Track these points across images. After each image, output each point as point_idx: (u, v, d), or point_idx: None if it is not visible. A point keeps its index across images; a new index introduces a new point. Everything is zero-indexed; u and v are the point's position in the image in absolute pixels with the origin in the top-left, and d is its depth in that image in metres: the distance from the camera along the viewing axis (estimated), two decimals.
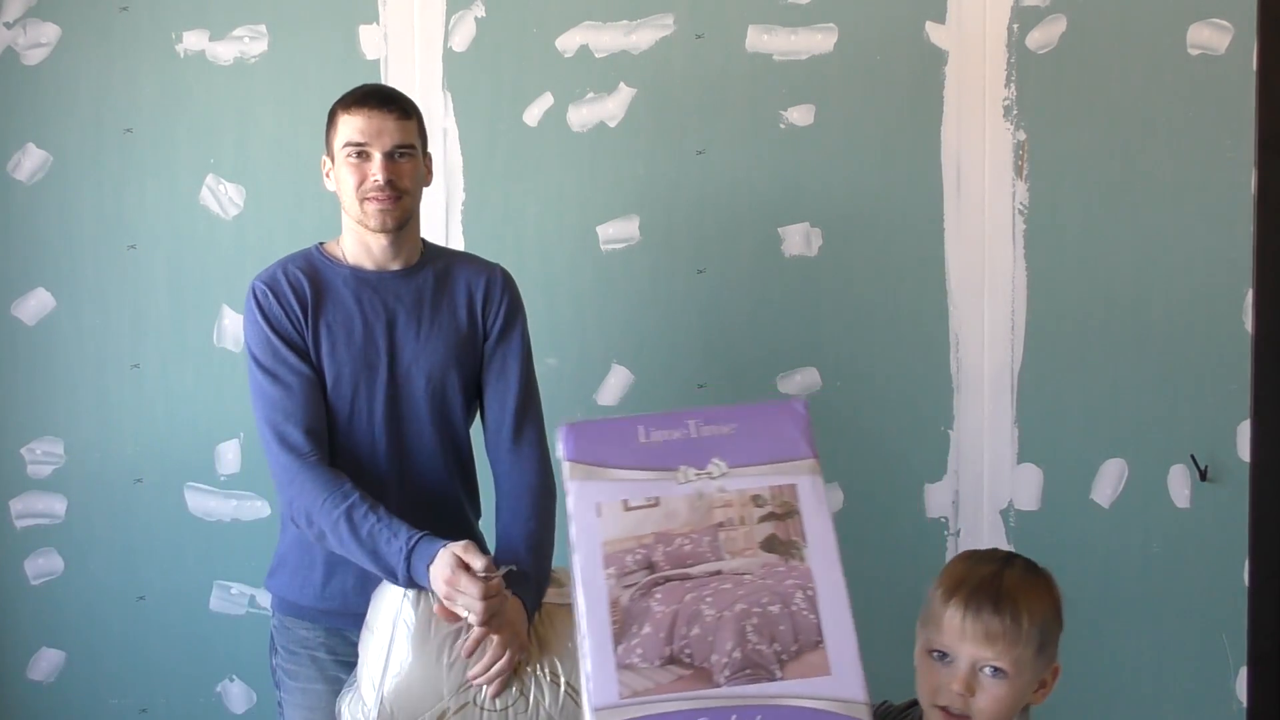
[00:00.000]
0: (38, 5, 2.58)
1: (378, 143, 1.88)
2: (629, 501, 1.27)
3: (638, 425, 1.31)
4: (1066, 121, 2.48)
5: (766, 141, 2.52)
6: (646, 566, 1.24)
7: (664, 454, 1.30)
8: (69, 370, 2.63)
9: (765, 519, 1.28)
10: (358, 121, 1.89)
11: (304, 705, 1.95)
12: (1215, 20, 2.44)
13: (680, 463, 1.29)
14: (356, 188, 1.89)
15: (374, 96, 1.91)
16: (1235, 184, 2.46)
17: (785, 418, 1.35)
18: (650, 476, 1.28)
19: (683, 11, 2.51)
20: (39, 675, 2.68)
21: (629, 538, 1.25)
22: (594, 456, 1.29)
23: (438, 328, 1.94)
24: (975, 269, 2.52)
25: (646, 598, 1.22)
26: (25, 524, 2.66)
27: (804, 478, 1.31)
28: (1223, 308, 2.48)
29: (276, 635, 2.01)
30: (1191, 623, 2.53)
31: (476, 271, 2.01)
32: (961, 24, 2.49)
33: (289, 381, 1.86)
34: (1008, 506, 2.56)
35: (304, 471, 1.81)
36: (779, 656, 1.19)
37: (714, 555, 1.25)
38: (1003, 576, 1.48)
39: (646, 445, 1.30)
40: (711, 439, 1.30)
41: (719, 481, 1.28)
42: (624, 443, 1.30)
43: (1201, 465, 2.49)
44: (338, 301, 1.90)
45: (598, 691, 1.17)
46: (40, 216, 2.61)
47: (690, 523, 1.26)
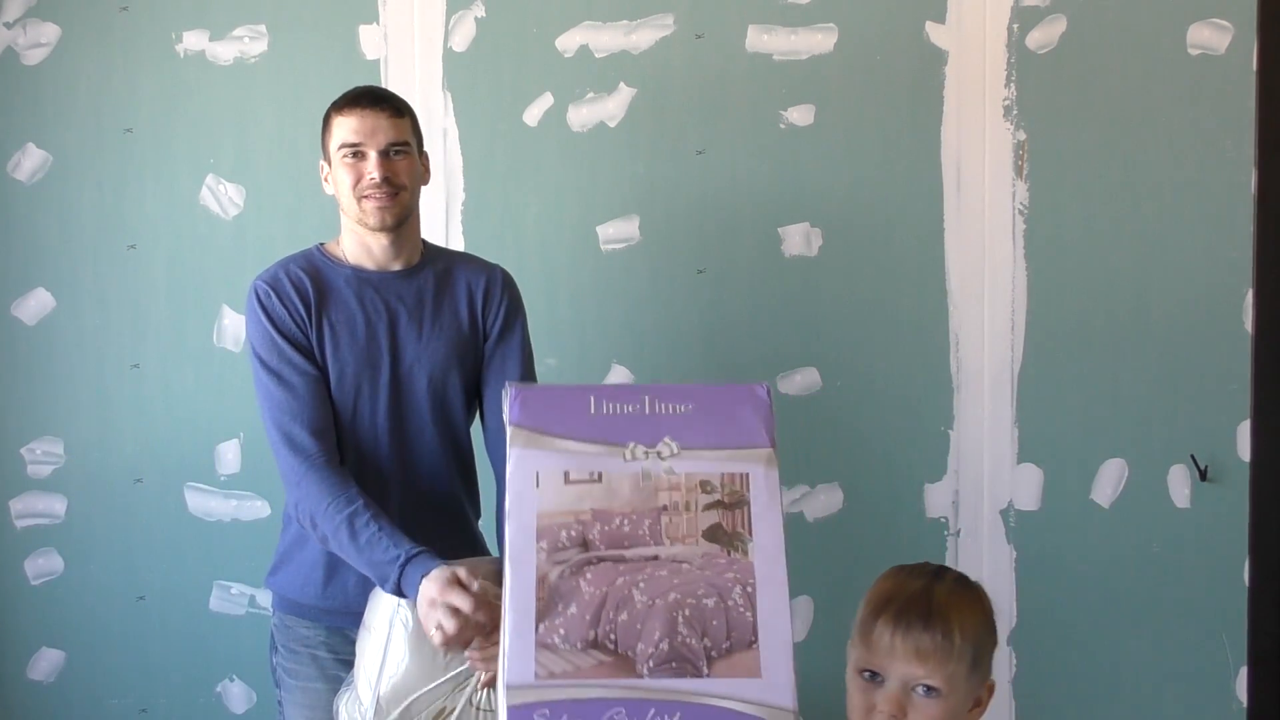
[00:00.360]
0: (38, 5, 2.58)
1: (372, 141, 1.89)
2: (570, 474, 1.21)
3: (590, 395, 1.26)
4: (1066, 121, 2.48)
5: (766, 141, 2.52)
6: (580, 544, 1.19)
7: (614, 428, 1.24)
8: (69, 370, 2.63)
9: (711, 506, 1.22)
10: (351, 122, 1.90)
11: (304, 704, 1.95)
12: (1215, 20, 2.44)
13: (630, 439, 1.23)
14: (353, 187, 1.90)
15: (366, 97, 1.93)
16: (1235, 184, 2.46)
17: (745, 402, 1.28)
18: (596, 450, 1.23)
19: (683, 11, 2.51)
20: (39, 675, 2.68)
21: (566, 512, 1.20)
22: (539, 422, 1.23)
23: (439, 328, 1.94)
24: (975, 269, 2.52)
25: (576, 576, 1.17)
26: (25, 524, 2.66)
27: (758, 468, 1.24)
28: (1223, 308, 2.48)
29: (277, 634, 2.02)
30: (1191, 623, 2.53)
31: (476, 272, 2.02)
32: (961, 24, 2.49)
33: (294, 381, 1.86)
34: (1008, 506, 2.56)
35: (311, 474, 1.81)
36: (708, 652, 1.14)
37: (653, 539, 1.20)
38: (932, 591, 1.42)
39: (596, 417, 1.24)
40: (666, 417, 1.25)
41: (668, 462, 1.23)
42: (573, 412, 1.25)
43: (1201, 465, 2.49)
44: (340, 301, 1.91)
45: (513, 669, 1.12)
46: (40, 216, 2.61)
47: (632, 503, 1.21)
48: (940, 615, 1.38)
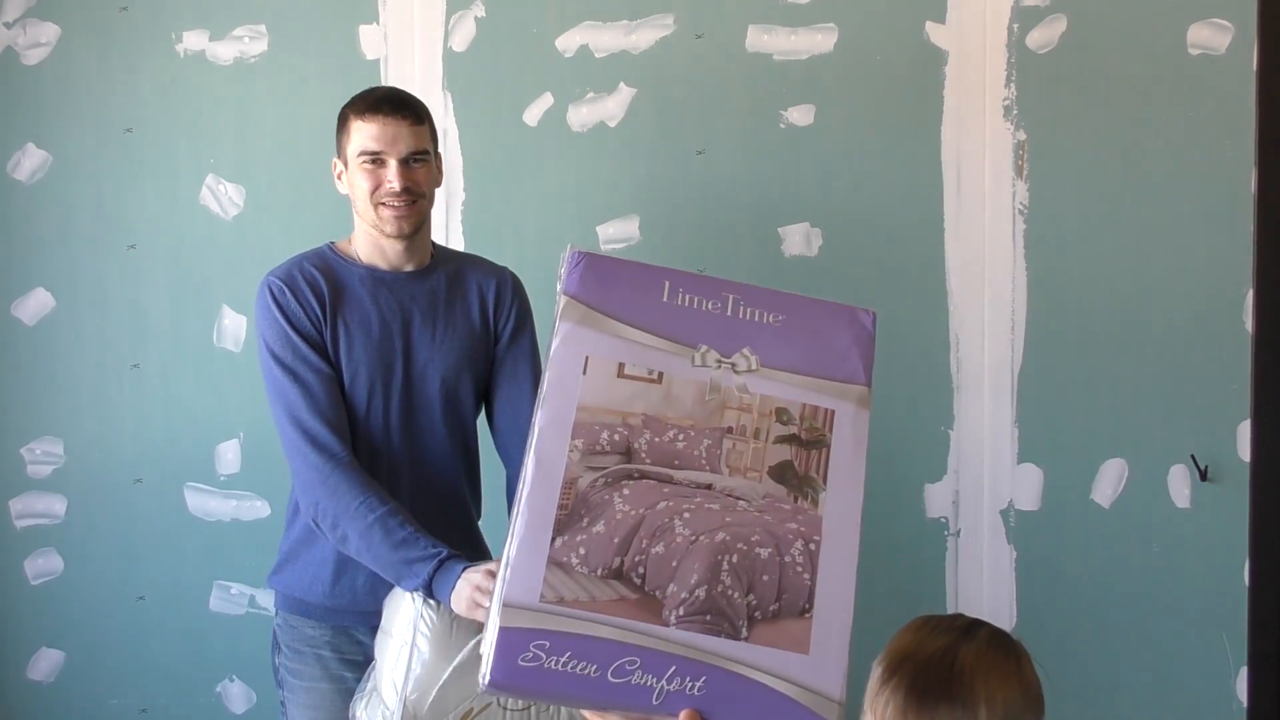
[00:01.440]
0: (38, 5, 2.58)
1: (393, 150, 1.87)
2: (626, 366, 1.01)
3: (665, 279, 1.05)
4: (1066, 121, 2.48)
5: (766, 141, 2.52)
6: (623, 452, 1.00)
7: (687, 323, 1.03)
8: (69, 370, 2.63)
9: (785, 440, 1.02)
10: (372, 129, 1.87)
11: (308, 705, 1.95)
12: (1215, 20, 2.44)
13: (703, 341, 1.03)
14: (371, 193, 1.88)
15: (387, 102, 1.89)
16: (1235, 184, 2.46)
17: (846, 328, 1.10)
18: (661, 345, 1.02)
19: (683, 11, 2.51)
20: (39, 675, 2.68)
21: (613, 410, 1.00)
22: (599, 298, 1.03)
23: (452, 329, 1.95)
24: (975, 269, 2.52)
25: (611, 489, 0.99)
26: (25, 524, 2.66)
27: (847, 406, 1.06)
28: (1223, 308, 2.48)
29: (280, 633, 2.01)
30: (1191, 623, 2.53)
31: (487, 275, 2.03)
32: (961, 24, 2.49)
33: (310, 379, 1.85)
34: (1008, 506, 2.56)
35: (337, 473, 1.80)
36: (752, 612, 0.96)
37: (709, 465, 1.01)
38: (957, 654, 1.16)
39: (669, 306, 1.04)
40: (750, 324, 1.05)
41: (743, 378, 1.03)
42: (642, 294, 1.04)
43: (1201, 465, 2.49)
44: (355, 300, 1.90)
45: (515, 584, 0.94)
46: (40, 216, 2.61)
47: (693, 416, 1.01)
48: (964, 685, 1.13)
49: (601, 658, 0.92)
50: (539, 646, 0.92)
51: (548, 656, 0.92)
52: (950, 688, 1.12)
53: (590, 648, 0.92)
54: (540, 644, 0.92)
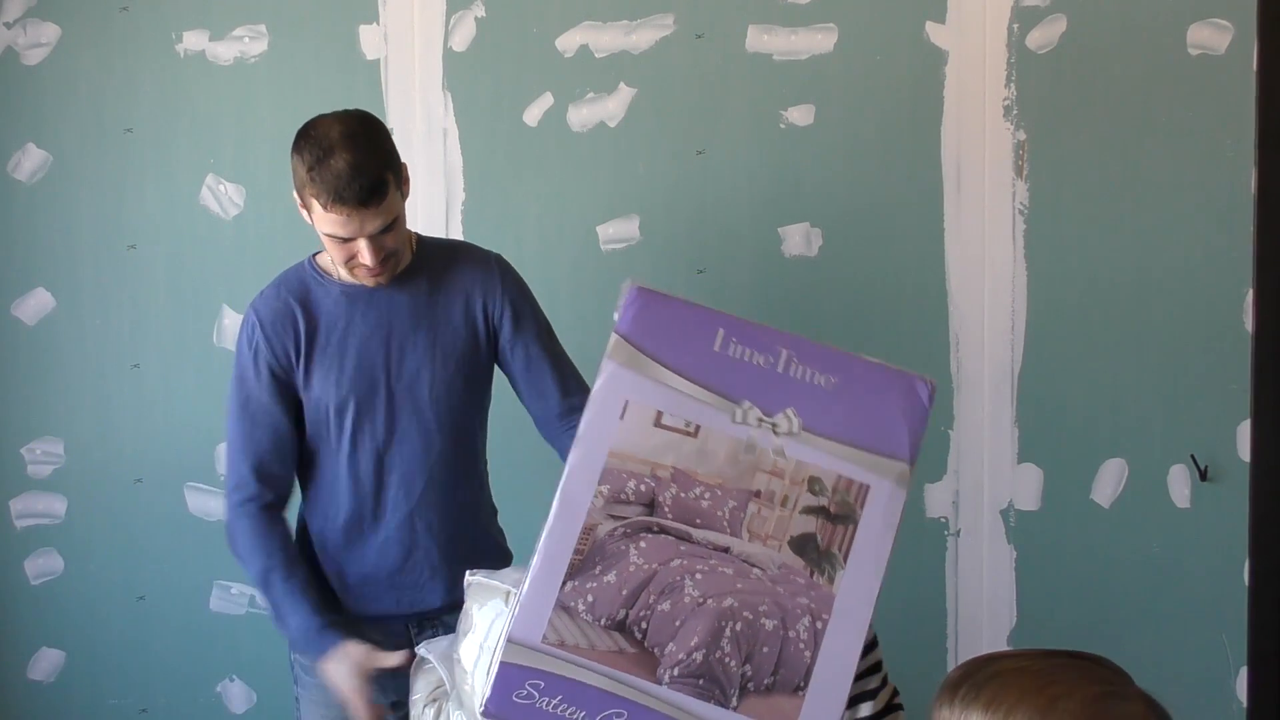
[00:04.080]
0: (38, 5, 2.58)
1: (361, 233, 1.78)
2: (664, 416, 1.00)
3: (719, 326, 1.02)
4: (1066, 121, 2.48)
5: (766, 141, 2.52)
6: (646, 504, 0.99)
7: (734, 376, 1.00)
8: (69, 370, 2.63)
9: (812, 511, 0.99)
10: (336, 218, 1.75)
11: (321, 701, 1.94)
12: (1215, 20, 2.44)
13: (747, 396, 1.00)
14: (344, 262, 1.84)
15: (347, 193, 1.72)
16: (1235, 184, 2.46)
17: (898, 397, 1.06)
18: (703, 397, 1.00)
19: (683, 11, 2.51)
20: (39, 675, 2.68)
21: (643, 460, 0.99)
22: (649, 341, 1.01)
23: (439, 333, 1.92)
24: (975, 269, 2.52)
25: (628, 540, 0.98)
26: (25, 524, 2.66)
27: (885, 483, 1.03)
28: (1223, 308, 2.48)
29: None
30: (1191, 623, 2.53)
31: (472, 267, 1.98)
32: (961, 24, 2.49)
33: (258, 419, 1.89)
34: (1008, 506, 2.56)
35: (242, 519, 1.88)
36: (745, 683, 0.96)
37: (730, 527, 0.98)
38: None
39: (719, 356, 1.01)
40: (799, 383, 1.01)
41: (782, 440, 1.00)
42: (694, 340, 1.02)
43: (1201, 465, 2.49)
44: (332, 325, 1.89)
45: (521, 622, 0.95)
46: (40, 216, 2.61)
47: (723, 475, 0.99)
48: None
49: (591, 706, 0.94)
50: (534, 685, 0.95)
51: (540, 696, 0.94)
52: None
53: (581, 694, 0.94)
54: (535, 683, 0.95)
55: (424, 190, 2.54)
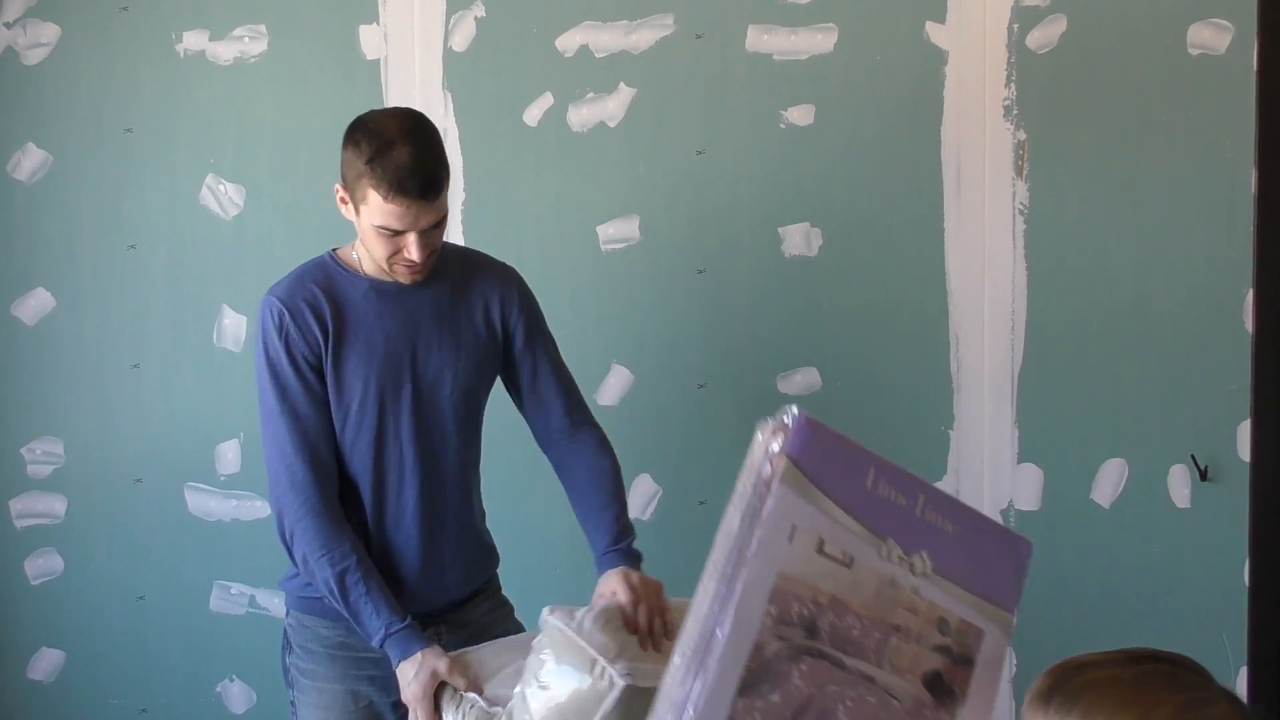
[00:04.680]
0: (38, 5, 2.58)
1: (414, 226, 1.79)
2: (825, 544, 1.05)
3: (871, 465, 1.10)
4: (1066, 121, 2.48)
5: (766, 141, 2.52)
6: (808, 628, 1.02)
7: (882, 514, 1.07)
8: (69, 370, 2.63)
9: (939, 649, 1.04)
10: (395, 210, 1.76)
11: (319, 704, 1.93)
12: (1215, 20, 2.44)
13: (891, 534, 1.06)
14: (387, 257, 1.83)
15: (414, 184, 1.74)
16: (1235, 184, 2.46)
17: (1007, 552, 1.11)
18: (857, 530, 1.06)
19: (683, 11, 2.51)
20: (39, 675, 2.68)
21: (807, 585, 1.03)
22: (816, 470, 1.07)
23: (460, 336, 1.92)
24: (975, 269, 2.52)
25: (792, 662, 1.01)
26: (25, 524, 2.66)
27: (995, 630, 1.07)
28: (1223, 308, 2.48)
29: (293, 633, 1.99)
30: (1191, 623, 2.53)
31: (492, 277, 1.99)
32: (961, 24, 2.49)
33: (302, 413, 1.84)
34: (1008, 506, 2.56)
35: (307, 518, 1.82)
36: None
37: (875, 658, 1.03)
38: None
39: (871, 494, 1.08)
40: (930, 528, 1.08)
41: (918, 580, 1.05)
42: (852, 475, 1.09)
43: (1201, 465, 2.49)
44: (359, 318, 1.87)
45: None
46: (40, 216, 2.61)
47: (870, 607, 1.04)
48: None
49: None
50: None
51: None
52: None
53: None
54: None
55: None
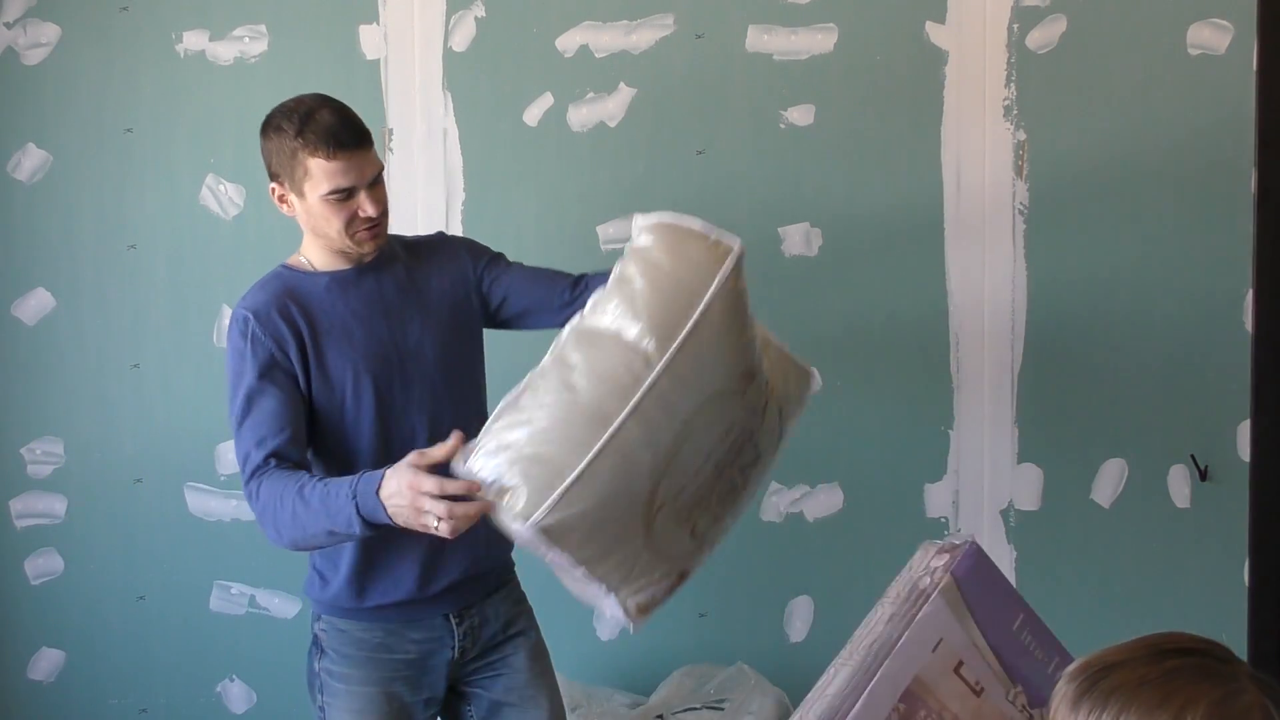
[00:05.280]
0: (38, 5, 2.58)
1: (361, 180, 1.81)
2: (963, 667, 1.10)
3: (1021, 613, 1.16)
4: (1066, 121, 2.48)
5: (766, 141, 2.52)
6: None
7: (1019, 660, 1.13)
8: (69, 370, 2.63)
9: None
10: (338, 166, 1.78)
11: (353, 708, 1.91)
12: (1215, 20, 2.44)
13: (1021, 682, 1.13)
14: (345, 225, 1.83)
15: (345, 134, 1.79)
16: (1235, 184, 2.46)
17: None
18: (994, 666, 1.11)
19: (683, 11, 2.51)
20: (39, 675, 2.68)
21: (937, 697, 1.08)
22: (973, 597, 1.12)
23: (426, 304, 1.93)
24: (975, 269, 2.52)
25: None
26: (25, 524, 2.66)
27: None
28: (1223, 308, 2.48)
29: (326, 639, 1.95)
30: (1191, 623, 2.53)
31: (431, 245, 2.02)
32: (961, 24, 2.49)
33: (267, 407, 1.80)
34: (1008, 506, 2.56)
35: (260, 487, 1.74)
36: None
37: None
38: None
39: (1014, 638, 1.14)
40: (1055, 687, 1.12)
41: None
42: (1002, 614, 1.15)
43: (1201, 465, 2.49)
44: (327, 311, 1.87)
45: None
46: (40, 216, 2.61)
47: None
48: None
49: None
50: None
51: None
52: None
53: None
54: None
55: (424, 190, 2.54)
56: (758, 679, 2.43)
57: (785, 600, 2.59)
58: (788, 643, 2.60)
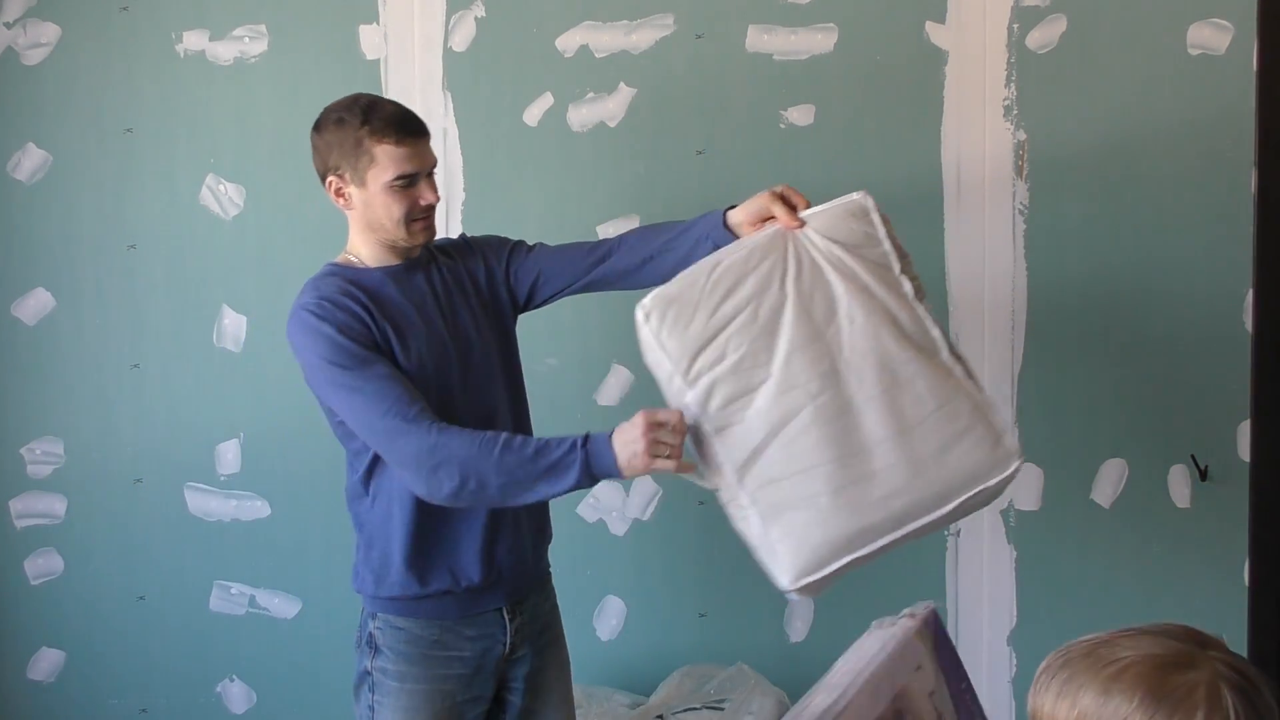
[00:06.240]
0: (38, 5, 2.58)
1: (423, 168, 1.88)
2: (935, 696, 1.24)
3: (965, 680, 1.32)
4: (1066, 121, 2.48)
5: (766, 141, 2.52)
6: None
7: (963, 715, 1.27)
8: (69, 370, 2.63)
9: None
10: (404, 152, 1.84)
11: (406, 706, 1.91)
12: (1215, 20, 2.44)
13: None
14: (406, 214, 1.87)
15: (409, 123, 1.86)
16: (1235, 184, 2.46)
17: None
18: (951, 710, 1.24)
19: (683, 11, 2.51)
20: (39, 675, 2.68)
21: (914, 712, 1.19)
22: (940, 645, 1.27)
23: (468, 301, 1.97)
24: (975, 269, 2.52)
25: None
26: (25, 524, 2.66)
27: None
28: (1223, 308, 2.48)
29: (381, 637, 1.94)
30: (1191, 623, 2.51)
31: (455, 247, 2.05)
32: (961, 24, 2.49)
33: (384, 372, 1.80)
34: (1008, 506, 2.56)
35: (442, 435, 1.74)
36: None
37: None
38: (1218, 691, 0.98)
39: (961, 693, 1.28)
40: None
41: None
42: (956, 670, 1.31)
43: (1201, 465, 2.49)
44: (388, 299, 1.88)
45: None
46: (40, 216, 2.61)
47: None
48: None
49: None
50: None
51: None
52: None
53: None
54: None
55: None
56: (758, 679, 2.43)
57: (785, 600, 2.59)
58: (788, 643, 2.60)
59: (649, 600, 2.61)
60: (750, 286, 1.75)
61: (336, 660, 2.63)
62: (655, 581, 2.61)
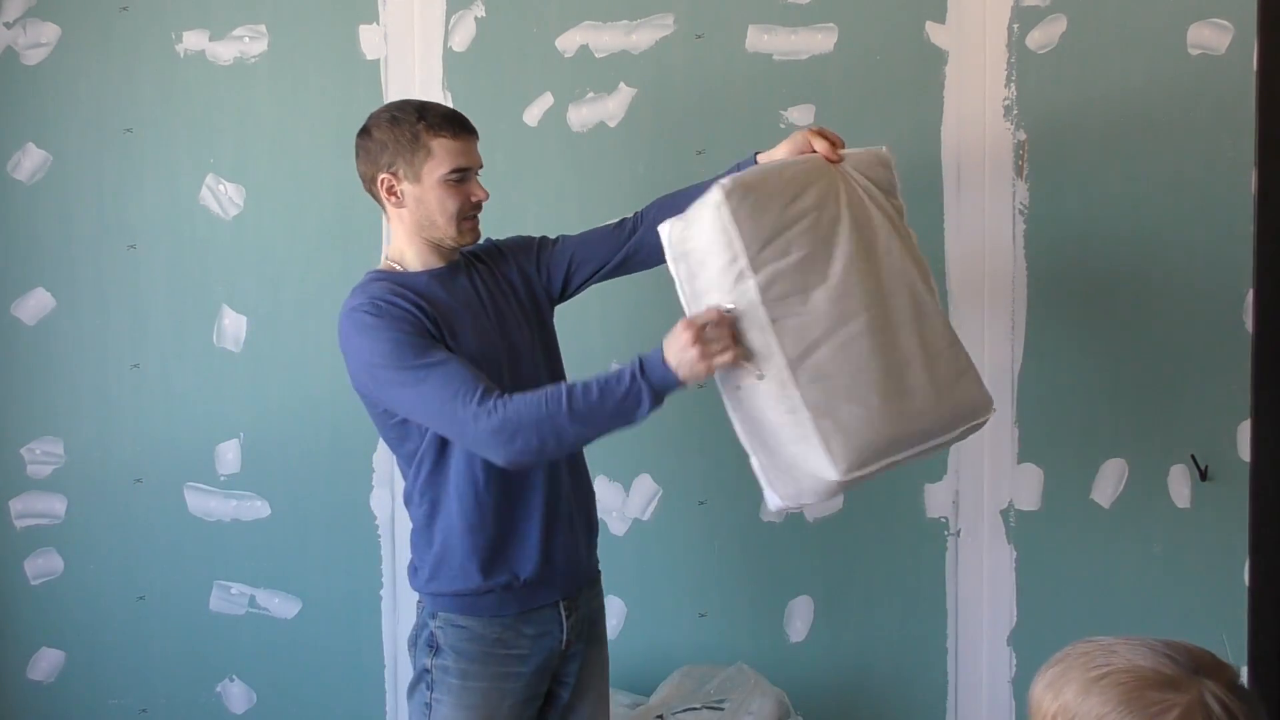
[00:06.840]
0: (38, 5, 2.59)
1: (475, 164, 1.94)
2: None
3: None
4: (1066, 121, 2.48)
5: (766, 141, 2.50)
6: None
7: None
8: (69, 370, 2.63)
9: None
10: (459, 146, 1.90)
11: (466, 704, 1.92)
12: (1215, 20, 2.44)
13: None
14: (458, 210, 1.90)
15: (464, 122, 1.93)
16: (1235, 184, 2.46)
17: None
18: None
19: (683, 11, 2.51)
20: (39, 675, 2.68)
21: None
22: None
23: (510, 296, 2.01)
24: (975, 269, 2.52)
25: None
26: (25, 524, 2.66)
27: None
28: (1223, 308, 2.48)
29: (442, 635, 1.95)
30: (1191, 623, 2.53)
31: (487, 251, 2.08)
32: (961, 24, 2.49)
33: (444, 358, 1.81)
34: (1008, 506, 2.56)
35: (509, 406, 1.76)
36: None
37: None
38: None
39: None
40: None
41: None
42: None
43: (1201, 465, 2.49)
44: (437, 300, 1.90)
45: None
46: (40, 216, 2.61)
47: None
48: None
49: None
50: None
51: None
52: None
53: None
54: None
55: None
56: (758, 679, 2.43)
57: (785, 600, 2.59)
58: (788, 643, 2.60)
59: (649, 600, 2.61)
60: (812, 197, 1.83)
61: (336, 660, 2.64)
62: (655, 581, 2.61)
